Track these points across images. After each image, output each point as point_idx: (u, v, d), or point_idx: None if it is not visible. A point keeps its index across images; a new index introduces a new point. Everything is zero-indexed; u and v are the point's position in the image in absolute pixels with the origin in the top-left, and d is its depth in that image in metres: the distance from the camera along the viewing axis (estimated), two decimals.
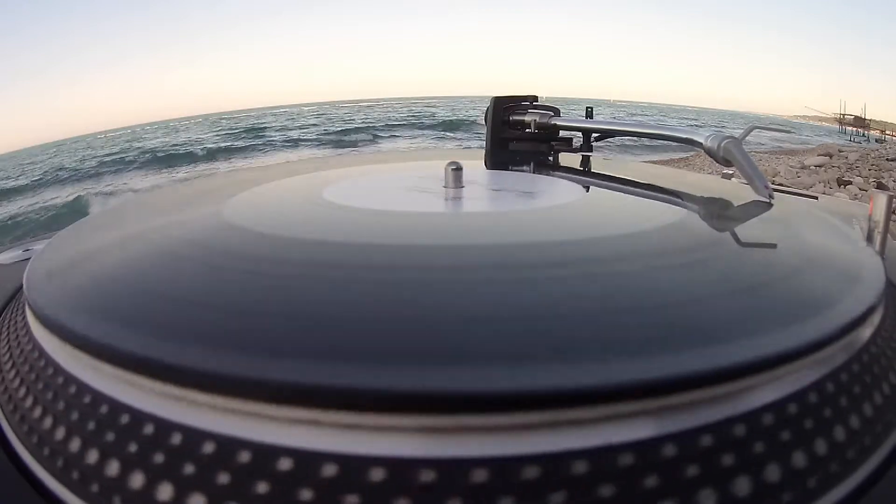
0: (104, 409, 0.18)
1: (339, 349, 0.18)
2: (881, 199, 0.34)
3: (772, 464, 0.16)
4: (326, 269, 0.26)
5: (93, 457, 0.17)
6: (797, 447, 0.17)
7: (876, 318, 0.23)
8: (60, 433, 0.19)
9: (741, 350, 0.18)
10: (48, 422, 0.19)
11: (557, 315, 0.21)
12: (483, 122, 0.68)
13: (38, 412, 0.20)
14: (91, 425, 0.18)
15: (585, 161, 0.58)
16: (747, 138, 0.44)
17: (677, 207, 0.36)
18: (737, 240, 0.32)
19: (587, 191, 0.43)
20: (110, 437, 0.17)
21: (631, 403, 0.16)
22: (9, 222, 5.27)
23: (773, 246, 0.30)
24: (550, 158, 0.61)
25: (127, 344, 0.19)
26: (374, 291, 0.23)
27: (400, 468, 0.15)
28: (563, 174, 0.52)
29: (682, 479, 0.15)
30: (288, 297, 0.23)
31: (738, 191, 0.43)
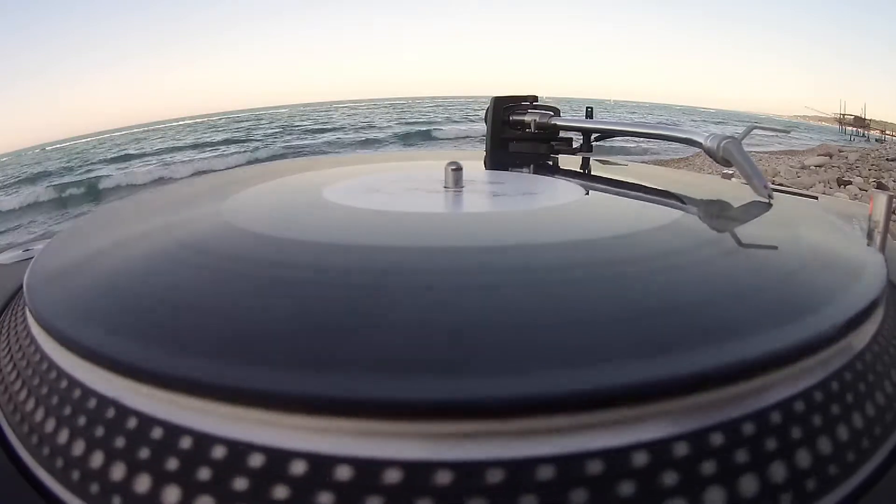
0: (104, 409, 0.18)
1: (342, 357, 0.18)
2: (881, 199, 0.34)
3: (772, 465, 0.16)
4: (328, 272, 0.26)
5: (92, 457, 0.17)
6: (798, 448, 0.17)
7: (877, 318, 0.23)
8: (60, 434, 0.19)
9: (741, 352, 0.18)
10: (48, 422, 0.19)
11: (561, 318, 0.21)
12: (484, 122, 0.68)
13: (37, 413, 0.20)
14: (90, 426, 0.18)
15: (585, 161, 0.58)
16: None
17: (677, 208, 0.36)
18: (737, 240, 0.32)
19: (587, 191, 0.43)
20: (110, 437, 0.17)
21: (619, 410, 0.16)
22: None
23: (773, 246, 0.30)
24: (550, 159, 0.61)
25: (125, 346, 0.19)
26: (373, 295, 0.23)
27: (416, 471, 0.15)
28: (564, 174, 0.52)
29: (680, 482, 0.15)
30: (288, 302, 0.22)
31: (737, 191, 0.43)
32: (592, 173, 0.53)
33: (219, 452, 0.16)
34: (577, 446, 0.15)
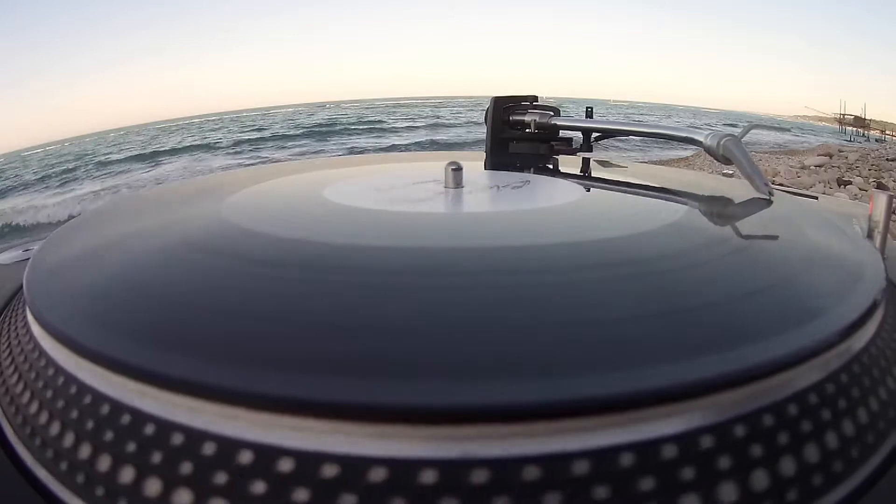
0: (105, 409, 0.18)
1: (341, 359, 0.18)
2: (881, 199, 0.34)
3: (771, 465, 0.16)
4: (327, 272, 0.26)
5: (93, 457, 0.17)
6: (796, 449, 0.17)
7: (876, 319, 0.23)
8: (62, 434, 0.19)
9: (741, 354, 0.18)
10: (49, 422, 0.19)
11: (562, 320, 0.21)
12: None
13: (39, 413, 0.20)
14: (92, 426, 0.18)
15: (585, 161, 0.58)
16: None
17: (677, 208, 0.36)
18: (737, 241, 0.32)
19: (588, 191, 0.43)
20: (111, 437, 0.17)
21: (627, 414, 0.16)
22: None
23: (773, 246, 0.30)
24: (550, 158, 0.61)
25: (126, 346, 0.19)
26: (372, 295, 0.23)
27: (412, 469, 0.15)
28: (564, 174, 0.52)
29: (677, 482, 0.15)
30: (288, 302, 0.22)
31: (737, 191, 0.43)
32: (592, 173, 0.53)
33: (221, 452, 0.16)
34: (569, 446, 0.16)
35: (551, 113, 0.63)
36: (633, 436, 0.16)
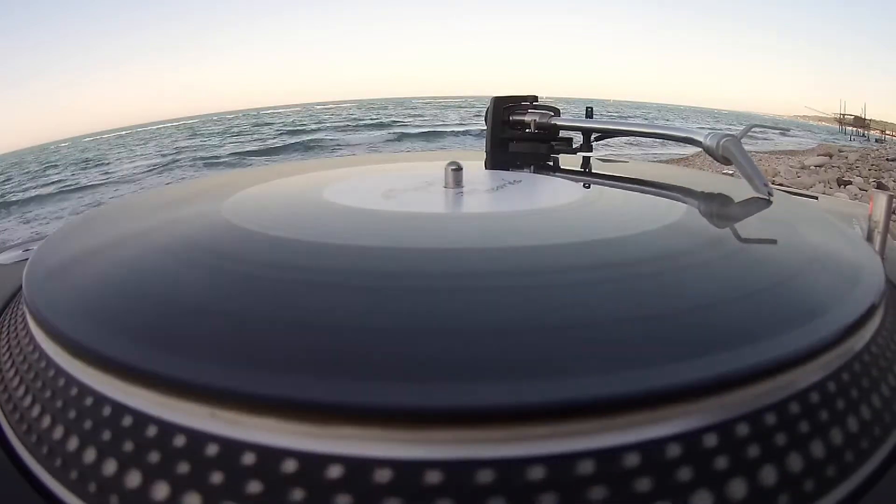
0: (104, 409, 0.18)
1: (339, 361, 0.18)
2: (881, 199, 0.34)
3: (771, 465, 0.16)
4: (328, 273, 0.25)
5: (93, 457, 0.17)
6: (796, 449, 0.17)
7: (876, 319, 0.23)
8: (60, 433, 0.19)
9: (742, 354, 0.18)
10: (48, 422, 0.19)
11: (563, 320, 0.21)
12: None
13: (38, 412, 0.20)
14: (91, 426, 0.18)
15: (586, 161, 0.58)
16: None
17: (677, 208, 0.36)
18: (736, 241, 0.32)
19: (588, 191, 0.43)
20: (110, 437, 0.17)
21: (630, 414, 0.16)
22: None
23: (773, 247, 0.30)
24: (550, 158, 0.61)
25: (124, 346, 0.19)
26: (372, 297, 0.23)
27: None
28: (564, 174, 0.52)
29: (679, 482, 0.15)
30: (290, 304, 0.22)
31: (737, 190, 0.43)
32: (593, 172, 0.53)
33: (218, 452, 0.16)
34: (575, 446, 0.16)
35: (551, 113, 0.63)
36: (634, 436, 0.16)
